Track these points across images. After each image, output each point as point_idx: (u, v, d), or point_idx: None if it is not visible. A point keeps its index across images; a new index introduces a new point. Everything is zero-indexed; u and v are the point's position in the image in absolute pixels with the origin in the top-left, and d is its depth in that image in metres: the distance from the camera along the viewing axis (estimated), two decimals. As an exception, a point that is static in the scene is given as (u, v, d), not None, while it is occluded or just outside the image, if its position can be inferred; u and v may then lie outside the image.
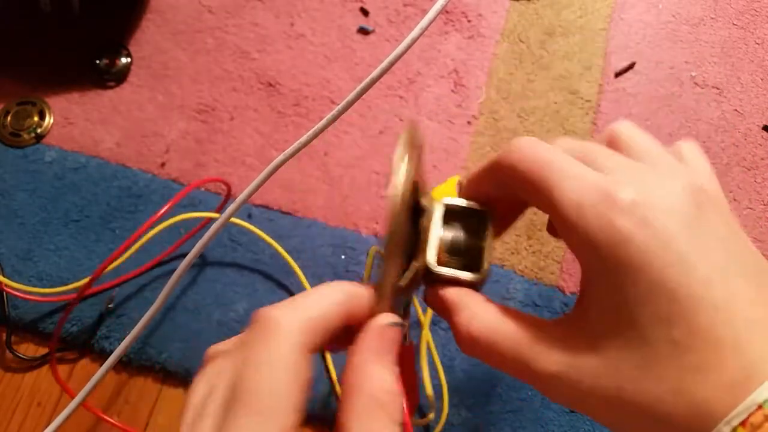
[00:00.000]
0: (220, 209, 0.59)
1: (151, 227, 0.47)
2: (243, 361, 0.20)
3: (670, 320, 0.18)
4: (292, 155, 0.28)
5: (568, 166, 0.22)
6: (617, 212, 0.20)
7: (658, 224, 0.19)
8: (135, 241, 0.46)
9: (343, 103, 0.26)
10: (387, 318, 0.22)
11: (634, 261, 0.19)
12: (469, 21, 0.70)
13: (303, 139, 0.28)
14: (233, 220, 0.59)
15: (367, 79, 0.26)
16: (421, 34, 0.26)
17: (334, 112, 0.27)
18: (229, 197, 0.59)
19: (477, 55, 0.68)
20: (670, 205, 0.20)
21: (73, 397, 0.35)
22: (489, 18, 0.70)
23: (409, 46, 0.26)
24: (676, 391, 0.18)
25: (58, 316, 0.56)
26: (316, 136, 0.28)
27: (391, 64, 0.25)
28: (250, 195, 0.29)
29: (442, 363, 0.54)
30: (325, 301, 0.21)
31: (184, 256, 0.58)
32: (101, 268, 0.48)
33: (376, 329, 0.22)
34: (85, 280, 0.52)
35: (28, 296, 0.55)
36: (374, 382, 0.20)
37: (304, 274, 0.57)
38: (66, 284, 0.56)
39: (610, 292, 0.20)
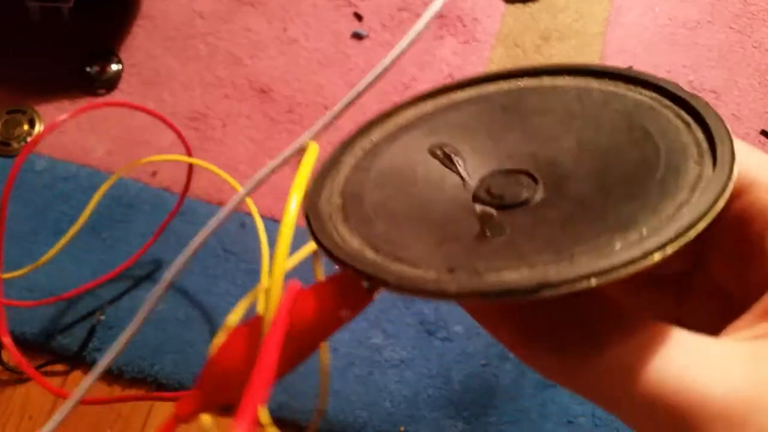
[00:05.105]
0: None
1: None
2: None
3: None
4: (279, 166, 0.28)
5: None
6: None
7: None
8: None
9: (328, 116, 0.26)
10: None
11: None
12: (464, 25, 0.69)
13: (286, 152, 0.27)
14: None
15: (351, 92, 0.25)
16: (410, 45, 0.25)
17: (322, 122, 0.26)
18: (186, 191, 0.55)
19: (472, 59, 0.68)
20: None
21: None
22: (484, 22, 0.70)
23: (401, 54, 0.25)
24: None
25: (49, 327, 0.55)
26: (292, 153, 0.27)
27: (377, 76, 0.25)
28: (235, 205, 0.28)
29: (438, 374, 0.53)
30: None
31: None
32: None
33: None
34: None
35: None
36: None
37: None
38: (55, 295, 0.55)
39: None
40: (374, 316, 0.55)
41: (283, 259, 0.15)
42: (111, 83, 0.65)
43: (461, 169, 0.18)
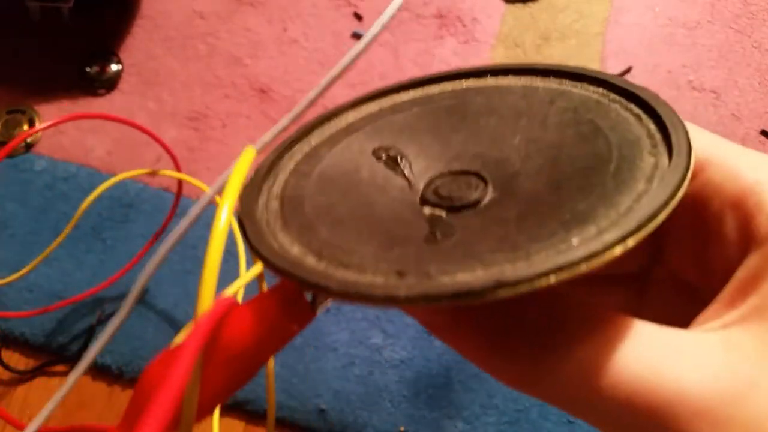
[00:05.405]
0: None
1: None
2: None
3: None
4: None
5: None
6: None
7: None
8: None
9: (293, 112, 0.26)
10: None
11: None
12: (464, 25, 0.69)
13: (258, 145, 0.27)
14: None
15: (324, 81, 0.25)
16: (381, 30, 0.25)
17: (285, 120, 0.26)
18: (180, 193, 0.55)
19: (472, 60, 0.68)
20: None
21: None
22: (484, 22, 0.70)
23: (370, 42, 0.24)
24: None
25: (49, 328, 0.55)
26: (273, 138, 0.26)
27: (352, 60, 0.25)
28: (204, 205, 0.29)
29: (438, 374, 0.53)
30: None
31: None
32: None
33: None
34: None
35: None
36: None
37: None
38: (57, 296, 0.55)
39: None
40: (374, 316, 0.55)
41: (213, 273, 0.14)
42: (111, 83, 0.65)
43: (407, 172, 0.18)
